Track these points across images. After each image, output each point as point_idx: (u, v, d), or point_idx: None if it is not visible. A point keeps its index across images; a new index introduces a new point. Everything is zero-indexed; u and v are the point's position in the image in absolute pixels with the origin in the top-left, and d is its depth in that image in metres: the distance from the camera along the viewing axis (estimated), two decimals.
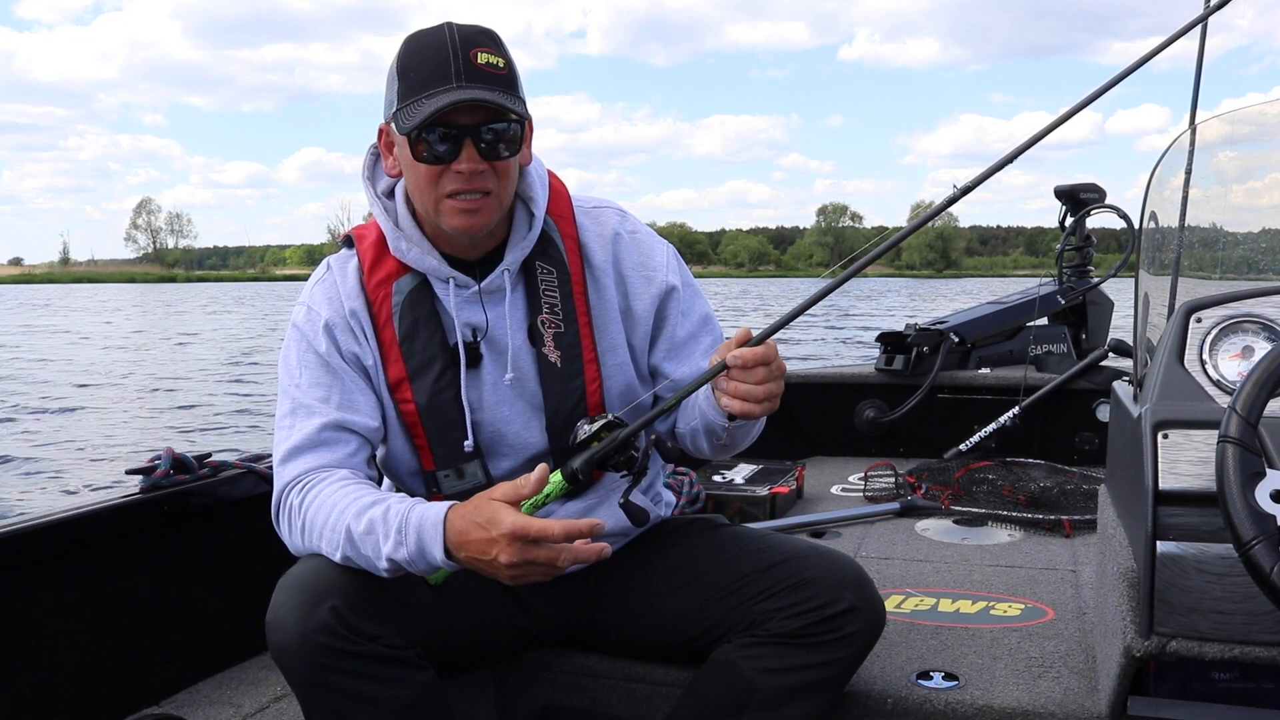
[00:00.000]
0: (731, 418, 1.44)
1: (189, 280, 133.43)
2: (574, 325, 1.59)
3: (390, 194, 1.59)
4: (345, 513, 1.41)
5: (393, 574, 1.40)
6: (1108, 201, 4.34)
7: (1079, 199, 4.38)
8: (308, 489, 1.47)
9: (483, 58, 1.41)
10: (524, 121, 1.48)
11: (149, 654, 1.90)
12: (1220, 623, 1.32)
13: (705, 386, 1.47)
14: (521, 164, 1.54)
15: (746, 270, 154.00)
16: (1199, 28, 1.99)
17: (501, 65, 1.43)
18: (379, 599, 1.42)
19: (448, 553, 1.34)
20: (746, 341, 1.39)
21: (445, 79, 1.40)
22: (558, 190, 1.64)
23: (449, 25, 1.44)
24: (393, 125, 1.45)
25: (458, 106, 1.39)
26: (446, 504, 1.38)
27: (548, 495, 1.36)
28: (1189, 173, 1.81)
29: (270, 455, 1.61)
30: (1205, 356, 1.48)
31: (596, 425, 1.43)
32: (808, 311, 1.48)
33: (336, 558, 1.42)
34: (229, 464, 2.11)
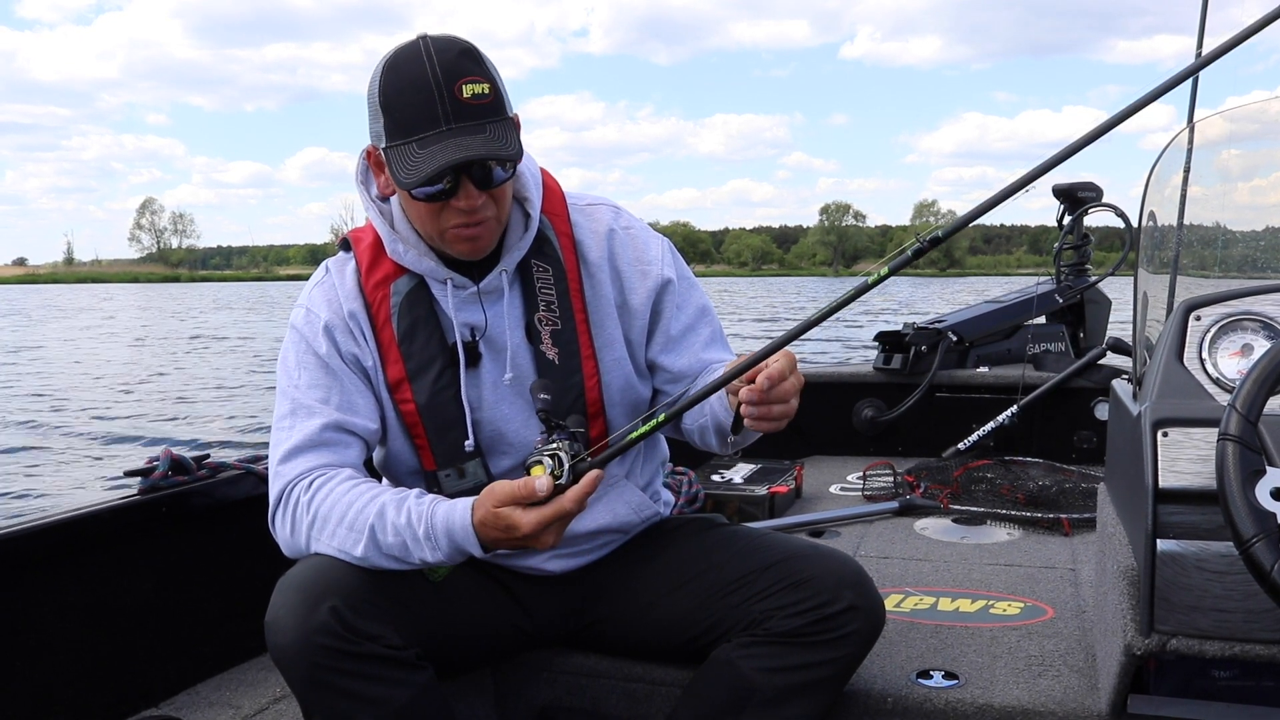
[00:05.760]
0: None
1: (193, 280, 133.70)
2: (571, 322, 1.59)
3: (385, 197, 1.59)
4: (364, 512, 1.43)
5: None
6: (1106, 200, 4.33)
7: (1077, 198, 4.37)
8: (316, 486, 1.47)
9: (468, 90, 1.37)
10: (516, 155, 1.42)
11: (148, 655, 1.90)
12: (1220, 621, 1.32)
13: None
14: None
15: (750, 270, 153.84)
16: (1196, 28, 1.99)
17: (487, 92, 1.39)
18: (378, 599, 1.42)
19: (484, 548, 1.41)
20: (750, 364, 1.32)
21: (433, 121, 1.37)
22: (551, 188, 1.64)
23: (427, 52, 1.37)
24: (384, 157, 1.43)
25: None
26: (465, 507, 1.39)
27: None
28: (1187, 170, 1.81)
29: (268, 455, 1.61)
30: (1204, 354, 1.48)
31: (551, 446, 1.36)
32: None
33: (356, 553, 1.43)
34: (227, 465, 2.11)
